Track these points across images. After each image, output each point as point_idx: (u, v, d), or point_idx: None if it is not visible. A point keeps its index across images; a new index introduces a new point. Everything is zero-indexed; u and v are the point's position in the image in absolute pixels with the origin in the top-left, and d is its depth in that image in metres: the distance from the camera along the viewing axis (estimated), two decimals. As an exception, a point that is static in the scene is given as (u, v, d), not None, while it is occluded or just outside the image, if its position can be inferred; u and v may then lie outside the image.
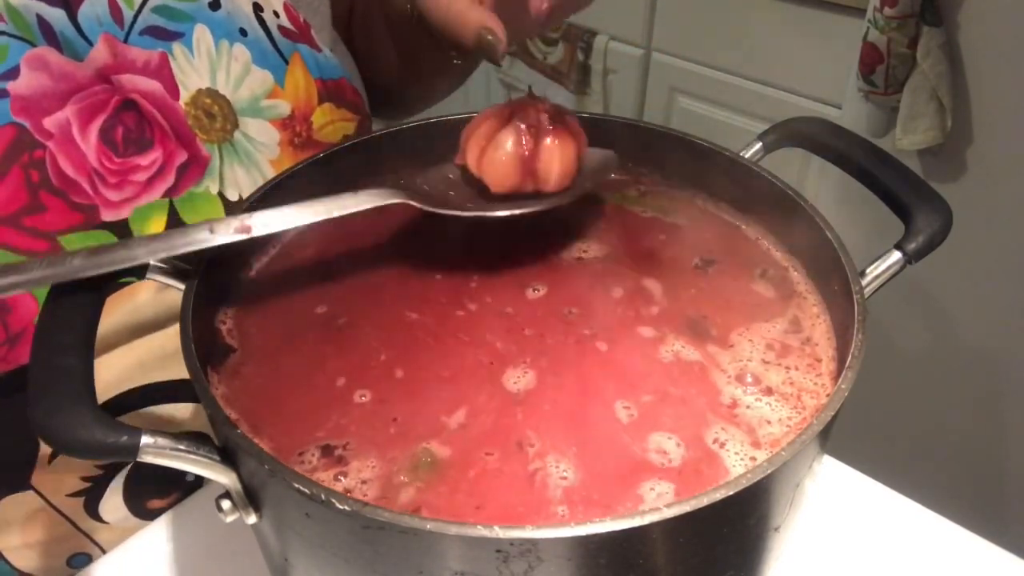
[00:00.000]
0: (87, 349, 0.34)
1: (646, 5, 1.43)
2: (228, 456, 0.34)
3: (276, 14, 0.53)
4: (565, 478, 0.35)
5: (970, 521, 0.53)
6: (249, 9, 0.52)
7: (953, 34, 0.97)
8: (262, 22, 0.52)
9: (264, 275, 0.48)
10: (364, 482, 0.35)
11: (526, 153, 0.44)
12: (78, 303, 0.35)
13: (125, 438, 0.30)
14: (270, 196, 0.47)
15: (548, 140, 0.45)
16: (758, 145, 0.50)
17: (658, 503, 0.34)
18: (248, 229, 0.39)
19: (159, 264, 0.41)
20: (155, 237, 0.38)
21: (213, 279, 0.42)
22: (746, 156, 0.50)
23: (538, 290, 0.46)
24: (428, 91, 0.71)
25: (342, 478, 0.35)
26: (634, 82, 1.52)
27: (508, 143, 0.45)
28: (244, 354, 0.42)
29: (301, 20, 0.54)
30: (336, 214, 0.42)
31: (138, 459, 0.31)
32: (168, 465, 0.32)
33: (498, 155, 0.45)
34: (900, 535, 0.53)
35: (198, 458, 0.33)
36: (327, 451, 0.36)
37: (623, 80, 1.54)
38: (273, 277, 0.48)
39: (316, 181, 0.51)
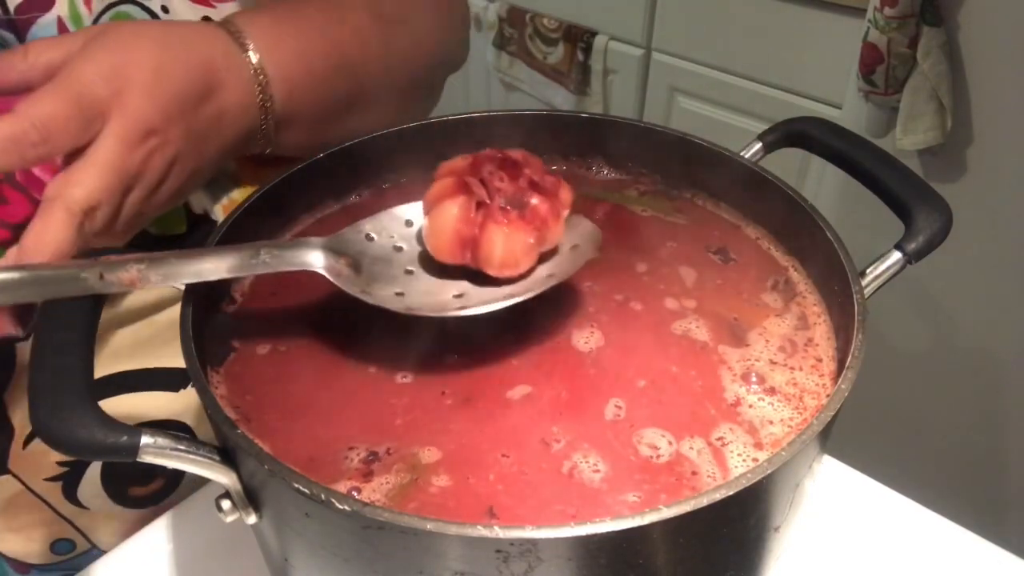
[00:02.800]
0: (87, 349, 0.34)
1: (646, 5, 1.43)
2: (228, 456, 0.34)
3: None
4: (598, 471, 0.35)
5: (970, 521, 0.53)
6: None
7: (953, 34, 0.97)
8: None
9: (265, 275, 0.48)
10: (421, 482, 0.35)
11: (466, 233, 0.39)
12: (78, 302, 0.35)
13: (125, 438, 0.30)
14: (270, 197, 0.47)
15: (495, 226, 0.39)
16: (758, 145, 0.50)
17: (708, 466, 0.35)
18: (134, 282, 0.35)
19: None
20: (42, 275, 0.34)
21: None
22: (746, 156, 0.50)
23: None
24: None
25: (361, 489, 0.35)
26: (634, 82, 1.52)
27: (451, 215, 0.39)
28: (247, 353, 0.42)
29: None
30: (244, 273, 0.39)
31: (138, 459, 0.31)
32: (168, 465, 0.32)
33: (437, 225, 0.40)
34: (900, 535, 0.53)
35: (198, 458, 0.33)
36: (370, 457, 0.36)
37: (623, 80, 1.54)
38: (274, 276, 0.47)
39: (316, 182, 0.51)
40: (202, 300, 0.40)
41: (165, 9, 0.50)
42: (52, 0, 0.46)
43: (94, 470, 0.53)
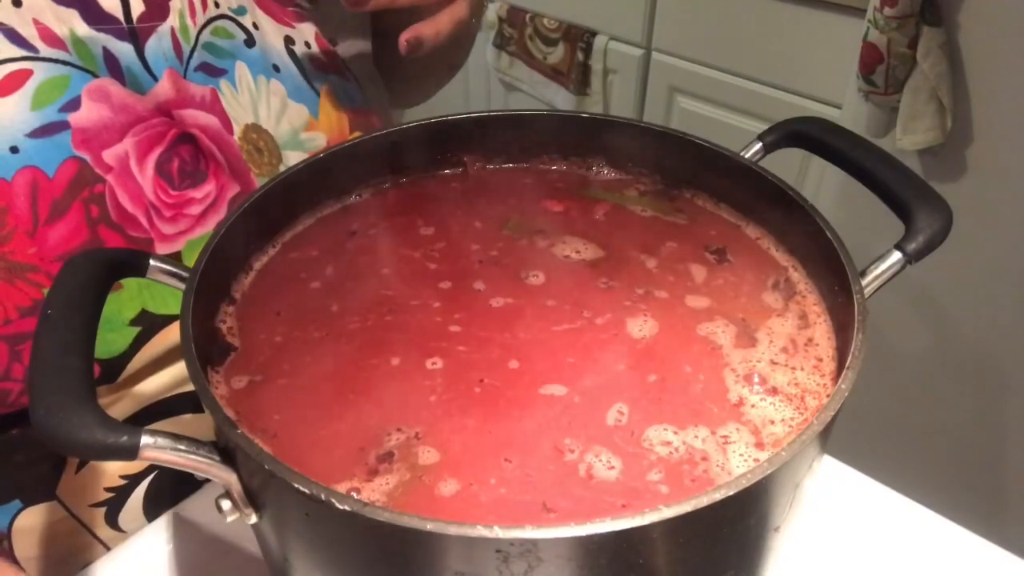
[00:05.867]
0: (87, 349, 0.34)
1: (646, 5, 1.43)
2: (228, 456, 0.34)
3: (307, 44, 0.53)
4: (612, 468, 0.36)
5: (970, 521, 0.52)
6: (280, 44, 0.52)
7: (953, 34, 0.96)
8: (293, 55, 0.53)
9: (265, 275, 0.48)
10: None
11: None
12: (79, 302, 0.35)
13: (125, 438, 0.30)
14: (271, 196, 0.47)
15: None
16: (758, 145, 0.50)
17: (717, 456, 0.35)
18: None
19: (159, 265, 0.41)
20: None
21: (212, 279, 0.42)
22: (746, 156, 0.50)
23: (537, 276, 0.46)
24: (435, 68, 0.73)
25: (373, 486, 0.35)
26: (634, 82, 1.52)
27: None
28: (249, 353, 0.42)
29: (331, 49, 0.55)
30: None
31: (138, 459, 0.31)
32: (168, 465, 0.32)
33: None
34: (900, 535, 0.53)
35: (198, 458, 0.33)
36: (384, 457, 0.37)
37: (623, 80, 1.54)
38: (274, 276, 0.48)
39: (316, 182, 0.51)
40: (203, 299, 0.40)
41: (256, 26, 0.52)
42: (167, 9, 0.47)
43: (138, 495, 0.53)
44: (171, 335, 0.50)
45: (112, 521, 0.53)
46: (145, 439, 0.31)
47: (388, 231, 0.51)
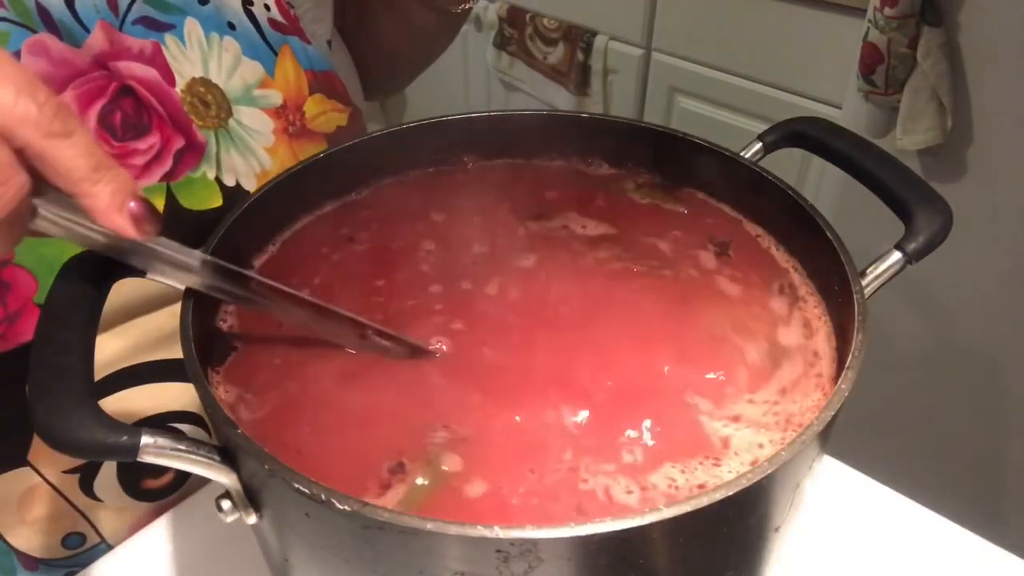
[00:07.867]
0: (87, 349, 0.34)
1: (646, 5, 1.43)
2: (228, 456, 0.34)
3: (267, 7, 0.54)
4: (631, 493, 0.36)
5: (970, 521, 0.52)
6: (237, 4, 0.52)
7: (953, 34, 0.96)
8: (251, 16, 0.53)
9: (265, 275, 0.48)
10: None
11: None
12: (78, 302, 0.35)
13: (125, 438, 0.30)
14: (272, 194, 0.47)
15: None
16: (758, 145, 0.50)
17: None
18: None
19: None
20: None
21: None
22: (746, 156, 0.50)
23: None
24: (418, 54, 0.73)
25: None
26: (634, 82, 1.52)
27: None
28: (250, 353, 0.42)
29: (291, 13, 0.55)
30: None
31: (138, 459, 0.31)
32: (168, 465, 0.32)
33: None
34: (900, 535, 0.53)
35: (198, 458, 0.33)
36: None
37: (623, 80, 1.54)
38: (274, 276, 0.47)
39: (317, 180, 0.51)
40: (202, 300, 0.40)
41: None
42: None
43: (111, 463, 0.53)
44: (123, 289, 0.49)
45: (87, 488, 0.53)
46: (145, 439, 0.31)
47: (389, 231, 0.51)
